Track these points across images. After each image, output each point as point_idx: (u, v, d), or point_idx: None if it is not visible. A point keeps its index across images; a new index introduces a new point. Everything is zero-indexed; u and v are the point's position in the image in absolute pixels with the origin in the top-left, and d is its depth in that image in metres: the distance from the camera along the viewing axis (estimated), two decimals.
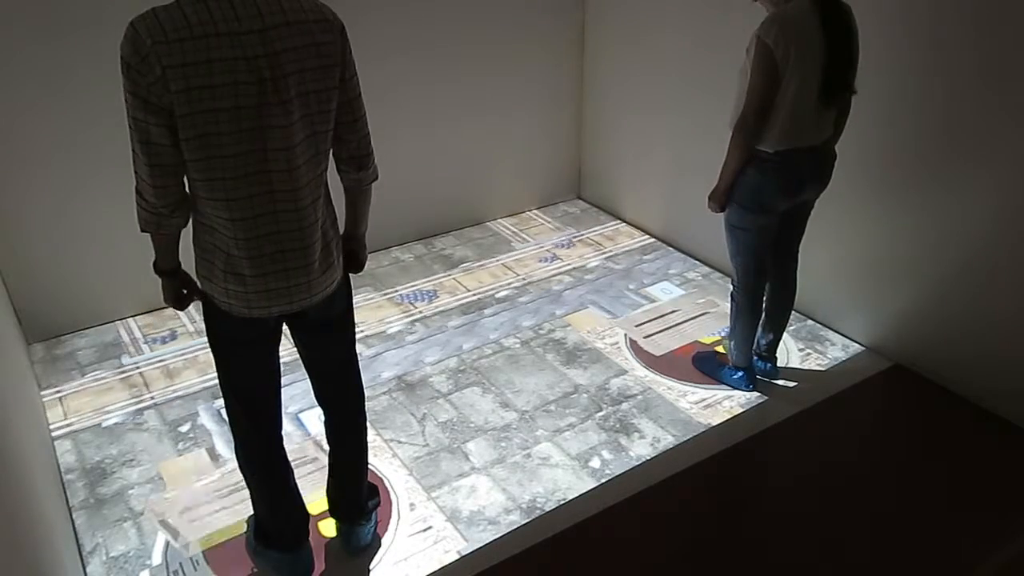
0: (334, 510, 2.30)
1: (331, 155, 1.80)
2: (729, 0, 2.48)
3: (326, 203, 1.82)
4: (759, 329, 2.92)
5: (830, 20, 2.31)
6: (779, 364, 3.05)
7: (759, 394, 2.95)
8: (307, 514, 2.22)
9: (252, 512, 2.23)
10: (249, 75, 1.52)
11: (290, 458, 2.14)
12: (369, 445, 2.68)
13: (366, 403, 2.23)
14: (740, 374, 2.95)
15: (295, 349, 2.08)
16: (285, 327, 1.96)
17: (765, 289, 2.81)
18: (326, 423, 2.22)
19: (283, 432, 2.09)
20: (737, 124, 2.44)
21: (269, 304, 1.77)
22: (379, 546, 2.33)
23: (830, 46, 2.32)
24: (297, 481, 2.17)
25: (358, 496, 2.28)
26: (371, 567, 2.26)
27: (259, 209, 1.65)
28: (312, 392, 2.17)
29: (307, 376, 2.14)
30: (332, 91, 1.68)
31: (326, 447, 2.26)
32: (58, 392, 2.99)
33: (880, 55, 2.53)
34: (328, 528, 2.36)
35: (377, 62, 3.66)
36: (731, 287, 2.85)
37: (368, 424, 2.38)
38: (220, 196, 1.62)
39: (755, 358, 2.99)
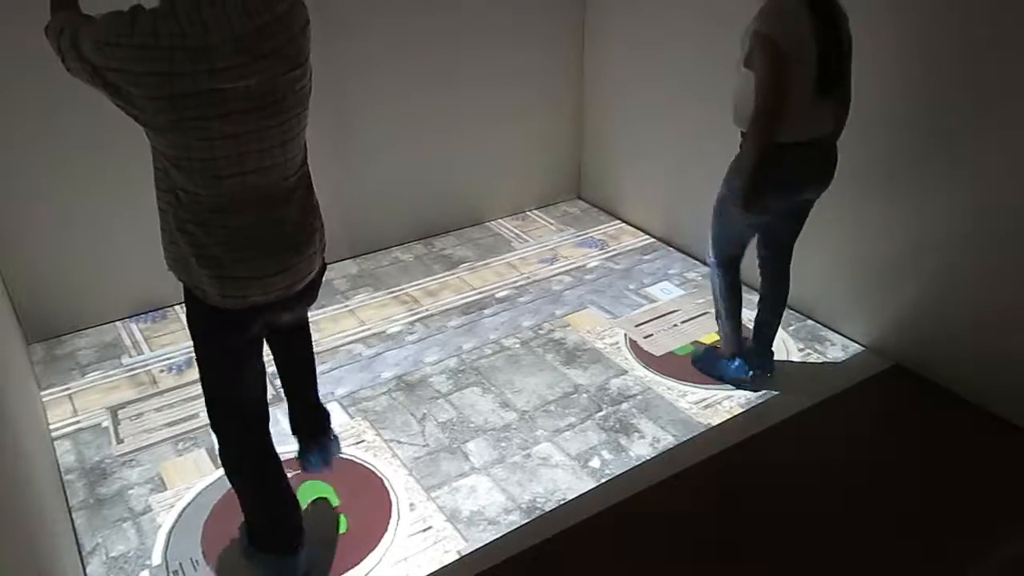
0: (297, 429, 2.39)
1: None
2: (728, 0, 2.50)
3: (307, 194, 1.85)
4: (757, 329, 2.92)
5: (819, 10, 2.29)
6: (778, 363, 3.05)
7: (759, 394, 2.95)
8: (300, 516, 2.18)
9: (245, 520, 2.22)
10: (219, 85, 1.52)
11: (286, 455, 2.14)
12: (369, 445, 2.69)
13: (366, 403, 2.23)
14: (737, 362, 2.94)
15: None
16: None
17: (739, 266, 2.81)
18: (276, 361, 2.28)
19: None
20: (756, 124, 2.35)
21: (245, 292, 1.78)
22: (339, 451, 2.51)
23: (822, 36, 2.30)
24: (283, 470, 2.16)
25: (315, 406, 2.37)
26: (371, 567, 2.26)
27: (237, 203, 1.68)
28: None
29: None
30: (306, 83, 1.70)
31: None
32: (58, 392, 2.99)
33: (879, 56, 2.53)
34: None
35: (377, 62, 3.67)
36: (709, 259, 2.84)
37: (368, 423, 2.39)
38: (200, 189, 1.65)
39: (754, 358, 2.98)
